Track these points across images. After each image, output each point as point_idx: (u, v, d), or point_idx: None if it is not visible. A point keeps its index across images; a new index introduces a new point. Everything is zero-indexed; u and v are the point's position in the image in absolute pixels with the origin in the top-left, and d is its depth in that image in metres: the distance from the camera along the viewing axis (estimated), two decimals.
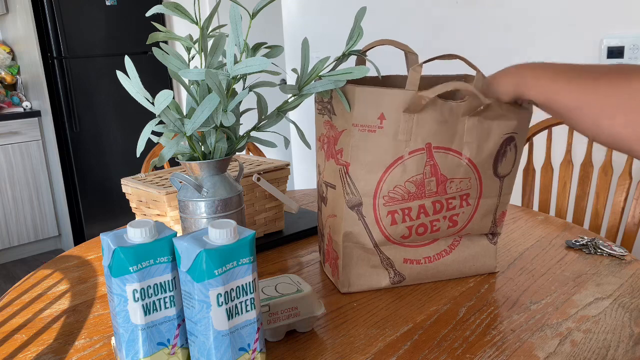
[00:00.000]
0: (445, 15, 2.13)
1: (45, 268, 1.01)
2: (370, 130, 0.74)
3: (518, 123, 0.78)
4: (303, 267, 0.94)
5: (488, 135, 0.77)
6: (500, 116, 0.76)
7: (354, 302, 0.79)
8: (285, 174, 1.11)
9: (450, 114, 0.75)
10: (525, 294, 0.79)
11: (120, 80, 0.68)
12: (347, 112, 0.75)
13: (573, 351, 0.64)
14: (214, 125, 0.71)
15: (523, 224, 1.09)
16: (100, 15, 3.30)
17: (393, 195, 0.77)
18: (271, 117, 0.77)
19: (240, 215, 0.77)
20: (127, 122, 3.47)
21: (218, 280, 0.53)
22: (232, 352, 0.55)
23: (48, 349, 0.71)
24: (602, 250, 0.92)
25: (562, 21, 1.80)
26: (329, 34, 2.64)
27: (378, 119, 0.73)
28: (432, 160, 0.76)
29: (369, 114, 0.73)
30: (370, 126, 0.74)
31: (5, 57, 3.46)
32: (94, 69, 3.30)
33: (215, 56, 0.73)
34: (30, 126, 3.30)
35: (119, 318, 0.57)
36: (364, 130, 0.74)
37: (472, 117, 0.76)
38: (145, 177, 1.09)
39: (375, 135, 0.74)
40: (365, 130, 0.74)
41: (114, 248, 0.56)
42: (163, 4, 0.71)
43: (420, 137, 0.75)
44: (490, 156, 0.79)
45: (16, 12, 3.29)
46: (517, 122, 0.78)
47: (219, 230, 0.54)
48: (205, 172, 0.74)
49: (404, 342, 0.67)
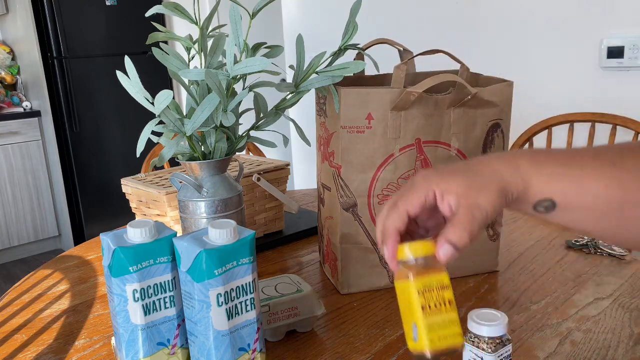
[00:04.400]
0: (446, 15, 2.13)
1: (45, 268, 1.01)
2: (359, 132, 0.75)
3: (501, 109, 0.80)
4: (303, 267, 0.94)
5: (474, 124, 0.79)
6: (483, 104, 0.78)
7: (353, 302, 0.79)
8: (285, 174, 1.11)
9: (436, 107, 0.76)
10: (525, 294, 0.79)
11: (120, 80, 0.68)
12: (336, 113, 0.75)
13: (573, 351, 0.64)
14: (213, 125, 0.71)
15: (523, 224, 1.09)
16: (100, 15, 3.29)
17: (387, 193, 0.78)
18: (269, 115, 0.77)
19: (240, 215, 0.76)
20: (127, 122, 3.47)
21: (218, 280, 0.53)
22: (232, 352, 0.55)
23: (48, 349, 0.71)
24: (602, 250, 0.92)
25: (562, 21, 1.80)
26: (329, 33, 2.63)
27: (366, 119, 0.74)
28: (423, 154, 0.77)
29: (357, 115, 0.74)
30: (358, 127, 0.75)
31: (5, 57, 3.46)
32: (94, 69, 3.29)
33: (215, 56, 0.73)
34: (30, 126, 3.29)
35: (119, 318, 0.57)
36: (353, 132, 0.75)
37: (457, 108, 0.77)
38: (145, 177, 1.09)
39: (365, 136, 0.75)
40: (354, 132, 0.75)
41: (114, 248, 0.55)
42: (163, 4, 0.71)
43: (409, 133, 0.76)
44: (478, 144, 0.80)
45: (16, 12, 3.29)
46: (500, 108, 0.80)
47: (219, 230, 0.54)
48: (205, 172, 0.74)
49: (404, 342, 0.67)
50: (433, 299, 0.44)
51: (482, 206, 0.45)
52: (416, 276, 0.44)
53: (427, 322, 0.43)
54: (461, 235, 0.44)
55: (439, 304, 0.44)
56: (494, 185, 0.46)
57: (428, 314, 0.43)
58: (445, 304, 0.44)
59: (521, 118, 1.67)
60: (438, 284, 0.44)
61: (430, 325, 0.43)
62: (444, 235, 0.45)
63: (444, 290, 0.44)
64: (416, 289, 0.44)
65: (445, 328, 0.43)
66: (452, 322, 0.44)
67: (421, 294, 0.44)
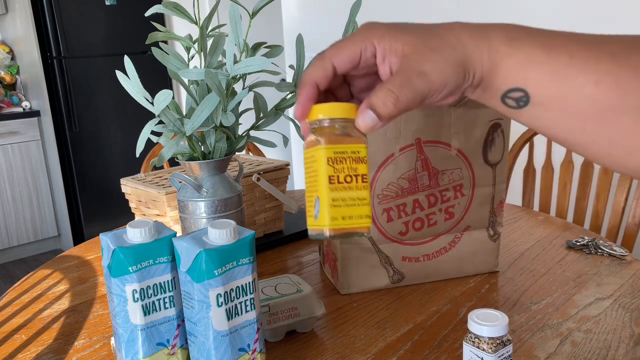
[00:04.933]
0: (446, 15, 2.13)
1: (44, 268, 1.01)
2: None
3: None
4: (303, 267, 0.94)
5: (474, 124, 0.79)
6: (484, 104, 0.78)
7: (354, 303, 0.79)
8: (285, 174, 1.11)
9: (436, 107, 0.76)
10: (526, 294, 0.79)
11: (119, 80, 0.68)
12: None
13: (573, 351, 0.63)
14: (213, 125, 0.71)
15: (524, 224, 1.09)
16: (99, 15, 3.29)
17: (387, 193, 0.78)
18: (269, 115, 0.77)
19: (240, 215, 0.76)
20: (127, 122, 3.47)
21: (218, 280, 0.53)
22: (232, 352, 0.55)
23: (48, 349, 0.71)
24: (603, 250, 0.92)
25: (561, 21, 1.80)
26: (329, 33, 2.63)
27: None
28: (423, 154, 0.77)
29: None
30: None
31: (5, 57, 3.45)
32: (93, 69, 3.29)
33: (214, 56, 0.73)
34: (30, 126, 3.29)
35: (119, 318, 0.57)
36: None
37: (457, 108, 0.77)
38: (144, 177, 1.09)
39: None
40: None
41: (114, 248, 0.55)
42: (162, 4, 0.71)
43: (410, 132, 0.76)
44: (478, 144, 0.80)
45: (15, 11, 3.29)
46: None
47: (219, 231, 0.54)
48: (205, 172, 0.74)
49: (404, 343, 0.67)
50: (344, 171, 0.37)
51: (427, 74, 0.35)
52: (328, 142, 0.37)
53: (332, 196, 0.37)
54: (386, 101, 0.35)
55: (350, 178, 0.37)
56: (450, 51, 0.35)
57: (335, 188, 0.37)
58: (358, 179, 0.38)
59: None
60: (353, 155, 0.38)
61: (334, 200, 0.37)
62: (368, 98, 0.36)
63: (359, 163, 0.38)
64: (325, 156, 0.37)
65: (353, 207, 0.37)
66: (361, 202, 0.38)
67: (331, 163, 0.37)
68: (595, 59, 0.34)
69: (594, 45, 0.34)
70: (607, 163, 0.37)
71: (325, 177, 0.37)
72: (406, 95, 0.35)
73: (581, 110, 0.34)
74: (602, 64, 0.34)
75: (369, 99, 0.36)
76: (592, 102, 0.34)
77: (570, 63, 0.34)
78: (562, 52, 0.34)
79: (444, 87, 0.36)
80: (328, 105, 0.38)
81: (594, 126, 0.35)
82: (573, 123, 0.35)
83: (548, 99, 0.35)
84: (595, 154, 0.37)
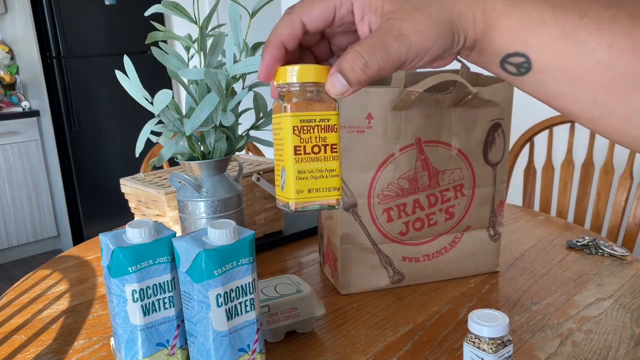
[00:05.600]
0: None
1: (44, 268, 1.00)
2: (358, 131, 0.75)
3: (502, 109, 0.80)
4: (303, 267, 0.94)
5: (475, 124, 0.79)
6: (484, 104, 0.78)
7: (354, 303, 0.79)
8: None
9: (437, 106, 0.76)
10: (526, 295, 0.79)
11: (119, 80, 0.67)
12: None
13: (574, 352, 0.63)
14: (213, 125, 0.71)
15: (524, 224, 1.09)
16: (99, 15, 3.29)
17: (387, 193, 0.77)
18: (269, 115, 0.77)
19: (239, 215, 0.76)
20: (126, 122, 3.47)
21: (217, 280, 0.53)
22: (232, 352, 0.55)
23: (47, 350, 0.71)
24: (603, 250, 0.92)
25: None
26: None
27: (366, 118, 0.74)
28: (423, 154, 0.77)
29: (357, 114, 0.74)
30: (358, 127, 0.75)
31: (4, 57, 3.45)
32: (93, 69, 3.29)
33: (214, 55, 0.73)
34: (29, 126, 3.29)
35: (118, 318, 0.57)
36: (353, 132, 0.75)
37: (457, 107, 0.77)
38: (144, 177, 1.09)
39: (364, 136, 0.75)
40: (353, 131, 0.75)
41: (113, 248, 0.55)
42: (162, 3, 0.71)
43: (410, 132, 0.76)
44: (479, 144, 0.80)
45: (15, 11, 3.29)
46: (501, 108, 0.80)
47: (219, 231, 0.54)
48: (205, 172, 0.73)
49: (404, 343, 0.67)
50: (312, 141, 0.35)
51: (406, 36, 0.31)
52: (295, 109, 0.34)
53: (298, 168, 0.34)
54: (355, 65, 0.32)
55: (317, 148, 0.35)
56: (437, 10, 0.31)
57: (301, 159, 0.34)
58: (327, 149, 0.35)
59: (522, 118, 1.67)
60: (322, 123, 0.35)
61: (300, 172, 0.35)
62: (338, 61, 0.33)
63: (329, 132, 0.35)
64: (291, 125, 0.34)
65: (321, 179, 0.35)
66: (330, 173, 0.35)
67: (297, 132, 0.34)
68: (610, 18, 0.29)
69: (610, 3, 0.29)
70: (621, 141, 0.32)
71: (291, 147, 0.34)
72: (377, 61, 0.31)
73: (591, 78, 0.30)
74: (618, 24, 0.28)
75: (339, 62, 0.32)
76: (604, 69, 0.29)
77: (580, 24, 0.29)
78: (570, 11, 0.29)
79: (427, 51, 0.32)
80: (298, 67, 0.34)
81: (606, 98, 0.30)
82: (582, 93, 0.30)
83: (552, 65, 0.30)
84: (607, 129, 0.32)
